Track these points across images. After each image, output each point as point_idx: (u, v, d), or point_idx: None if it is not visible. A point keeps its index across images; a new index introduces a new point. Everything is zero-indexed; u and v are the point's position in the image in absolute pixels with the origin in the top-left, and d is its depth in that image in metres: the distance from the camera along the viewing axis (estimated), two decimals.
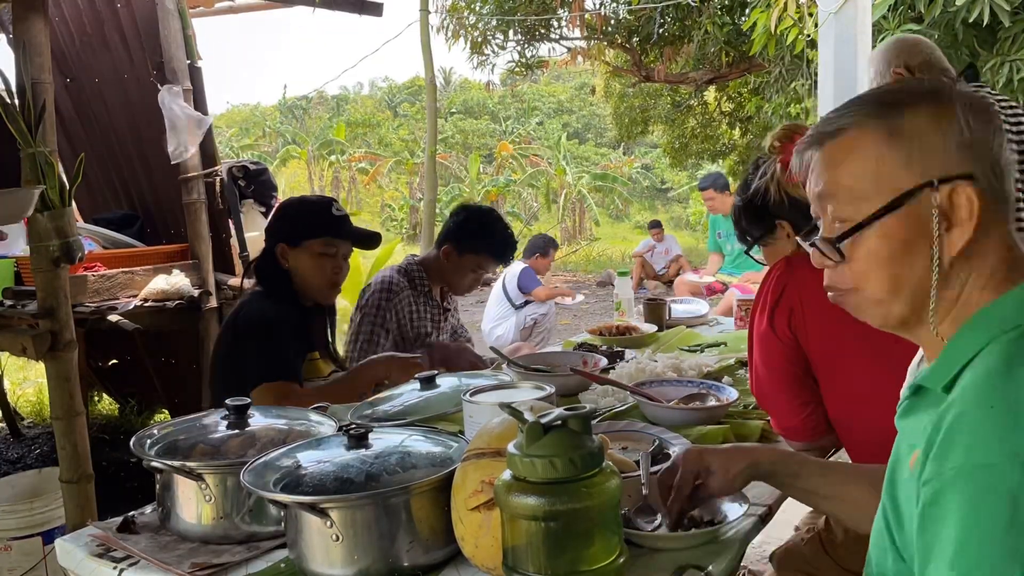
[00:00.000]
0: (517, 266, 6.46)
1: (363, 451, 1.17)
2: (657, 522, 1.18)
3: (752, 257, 1.83)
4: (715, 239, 6.81)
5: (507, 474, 0.89)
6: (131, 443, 1.31)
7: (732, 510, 1.25)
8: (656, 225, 11.55)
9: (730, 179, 8.58)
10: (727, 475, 1.21)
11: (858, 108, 0.89)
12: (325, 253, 2.16)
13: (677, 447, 1.51)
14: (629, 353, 2.43)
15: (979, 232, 0.83)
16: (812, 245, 0.93)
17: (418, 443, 1.23)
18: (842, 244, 0.88)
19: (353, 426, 1.21)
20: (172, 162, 3.47)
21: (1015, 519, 0.69)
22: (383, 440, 1.21)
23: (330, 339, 2.36)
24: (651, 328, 2.76)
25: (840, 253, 0.88)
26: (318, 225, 2.17)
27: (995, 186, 0.84)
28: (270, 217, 2.27)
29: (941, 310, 0.86)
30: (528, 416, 0.89)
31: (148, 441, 1.33)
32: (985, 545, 0.70)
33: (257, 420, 1.38)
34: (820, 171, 0.91)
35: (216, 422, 1.38)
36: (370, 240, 2.28)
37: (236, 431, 1.33)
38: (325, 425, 1.39)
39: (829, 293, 0.94)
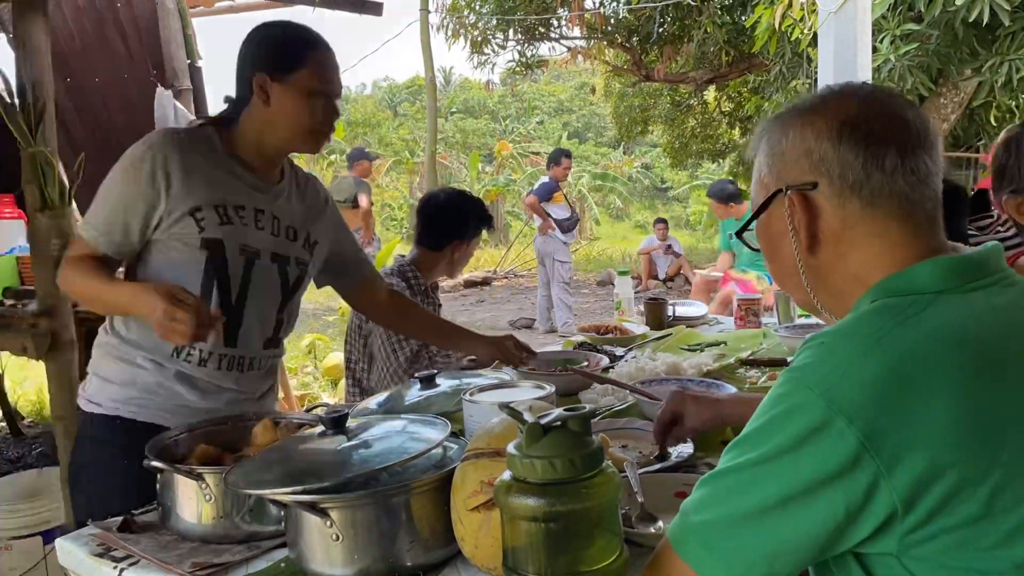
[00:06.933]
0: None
1: (364, 451, 1.16)
2: (659, 523, 1.19)
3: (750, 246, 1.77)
4: (727, 239, 6.86)
5: (507, 475, 0.89)
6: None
7: None
8: (661, 221, 11.62)
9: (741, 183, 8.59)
10: (696, 420, 1.46)
11: (762, 126, 1.06)
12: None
13: (676, 446, 1.52)
14: (629, 353, 2.44)
15: (827, 232, 0.96)
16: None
17: (418, 444, 1.23)
18: (745, 236, 1.09)
19: (337, 415, 1.21)
20: None
21: None
22: (384, 442, 1.21)
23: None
24: (641, 330, 2.76)
25: (746, 244, 1.09)
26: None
27: (848, 192, 0.95)
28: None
29: (829, 301, 1.00)
30: (528, 416, 0.89)
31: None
32: None
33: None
34: None
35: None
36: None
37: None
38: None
39: None
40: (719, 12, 8.50)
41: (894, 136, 0.93)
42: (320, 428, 1.21)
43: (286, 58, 1.62)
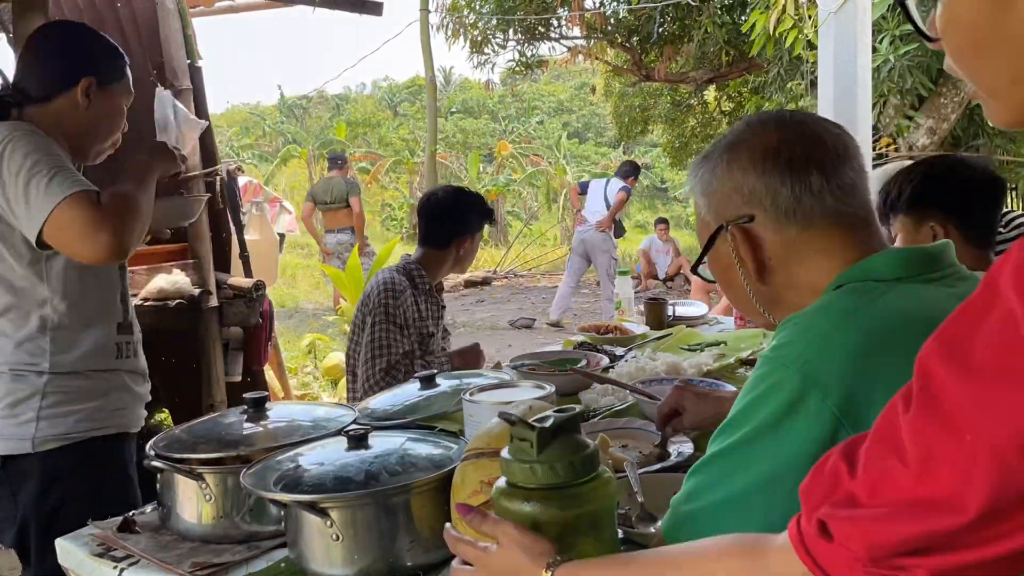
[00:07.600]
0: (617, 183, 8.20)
1: (363, 452, 1.17)
2: (659, 523, 1.19)
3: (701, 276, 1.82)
4: None
5: (502, 481, 0.89)
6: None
7: None
8: (661, 221, 11.63)
9: None
10: (695, 417, 1.48)
11: (692, 167, 1.09)
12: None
13: (676, 445, 1.52)
14: (629, 353, 2.44)
15: (773, 259, 0.99)
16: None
17: (418, 445, 1.23)
18: (700, 270, 1.11)
19: (353, 428, 1.22)
20: None
21: None
22: (383, 442, 1.22)
23: None
24: (641, 329, 2.76)
25: (702, 278, 1.07)
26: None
27: (783, 219, 0.97)
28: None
29: (788, 314, 0.99)
30: (520, 425, 0.89)
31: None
32: None
33: (276, 414, 1.39)
34: None
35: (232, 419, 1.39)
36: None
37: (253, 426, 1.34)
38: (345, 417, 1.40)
39: None
40: (719, 12, 8.50)
41: (815, 157, 0.96)
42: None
43: (113, 68, 1.77)
